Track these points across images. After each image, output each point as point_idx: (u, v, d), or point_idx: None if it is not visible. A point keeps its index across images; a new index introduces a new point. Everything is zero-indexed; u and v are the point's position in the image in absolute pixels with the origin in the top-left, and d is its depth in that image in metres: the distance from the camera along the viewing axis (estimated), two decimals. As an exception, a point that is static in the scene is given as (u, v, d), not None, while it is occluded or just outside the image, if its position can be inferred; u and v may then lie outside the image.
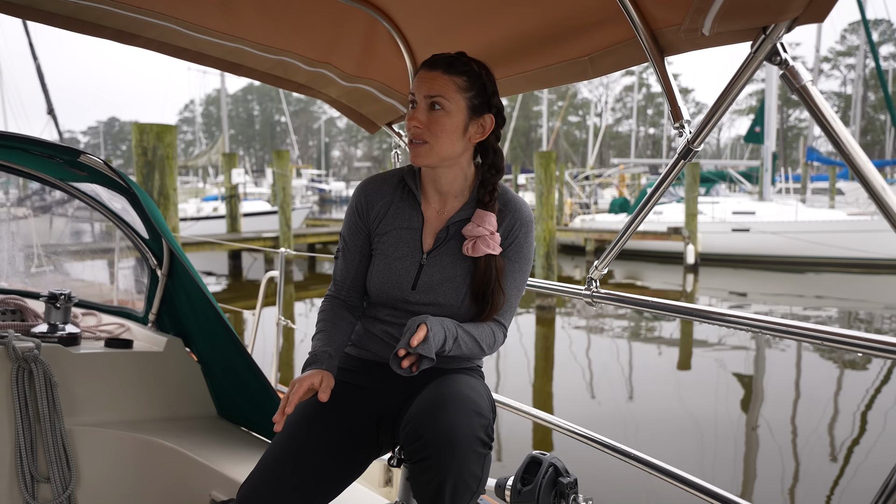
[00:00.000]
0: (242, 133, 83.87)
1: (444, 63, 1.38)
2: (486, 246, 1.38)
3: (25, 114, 43.71)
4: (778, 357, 8.20)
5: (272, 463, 1.32)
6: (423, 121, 1.36)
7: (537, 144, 65.27)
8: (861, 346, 1.08)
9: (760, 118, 20.64)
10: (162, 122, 7.86)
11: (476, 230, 1.39)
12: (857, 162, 1.01)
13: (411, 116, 1.38)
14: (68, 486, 1.91)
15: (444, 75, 1.36)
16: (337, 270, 1.52)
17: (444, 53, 1.41)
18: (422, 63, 1.41)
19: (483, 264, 1.39)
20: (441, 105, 1.36)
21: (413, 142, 1.39)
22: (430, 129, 1.36)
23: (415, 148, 1.39)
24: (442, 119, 1.36)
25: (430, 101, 1.36)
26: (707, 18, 1.14)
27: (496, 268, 1.39)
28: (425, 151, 1.38)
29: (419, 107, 1.38)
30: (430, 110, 1.37)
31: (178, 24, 1.67)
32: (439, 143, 1.37)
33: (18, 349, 1.89)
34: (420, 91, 1.37)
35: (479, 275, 1.39)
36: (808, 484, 4.64)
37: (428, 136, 1.36)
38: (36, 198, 6.74)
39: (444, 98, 1.35)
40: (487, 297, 1.40)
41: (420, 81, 1.38)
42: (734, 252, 17.03)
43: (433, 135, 1.36)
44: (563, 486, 1.50)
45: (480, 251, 1.38)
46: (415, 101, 1.39)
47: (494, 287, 1.39)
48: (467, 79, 1.37)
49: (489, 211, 1.41)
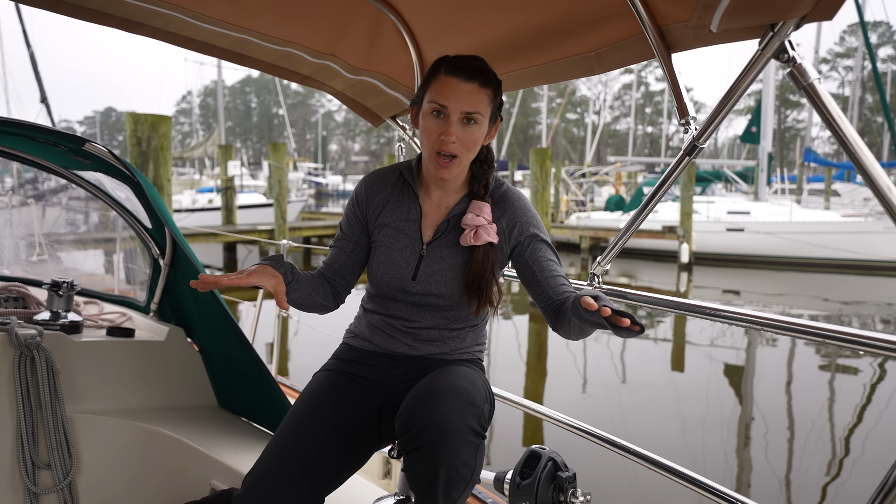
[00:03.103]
0: (240, 125, 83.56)
1: (479, 74, 1.34)
2: (487, 234, 1.41)
3: (20, 102, 43.38)
4: (771, 353, 8.25)
5: (277, 452, 1.33)
6: (458, 136, 1.34)
7: (536, 141, 65.24)
8: (859, 344, 1.09)
9: (757, 118, 20.68)
10: (158, 113, 7.83)
11: (475, 220, 1.41)
12: (863, 161, 1.01)
13: (443, 130, 1.34)
14: (69, 474, 1.91)
15: (480, 89, 1.34)
16: (329, 256, 1.54)
17: (471, 60, 1.36)
18: (449, 68, 1.35)
19: (481, 254, 1.41)
20: (476, 120, 1.34)
21: (442, 154, 1.35)
22: (464, 143, 1.35)
23: (445, 163, 1.36)
24: (475, 134, 1.35)
25: (466, 115, 1.34)
26: (715, 15, 1.15)
27: (491, 259, 1.42)
28: (455, 166, 1.37)
29: (452, 120, 1.33)
30: (465, 125, 1.34)
31: (185, 14, 1.67)
32: (468, 157, 1.38)
33: (21, 336, 1.90)
34: (457, 105, 1.33)
35: (475, 264, 1.41)
36: (802, 477, 4.67)
37: (459, 150, 1.35)
38: (29, 187, 6.72)
39: (480, 114, 1.34)
40: (482, 288, 1.42)
41: (455, 93, 1.33)
42: (728, 251, 17.09)
43: (465, 149, 1.35)
44: (561, 480, 1.51)
45: (482, 239, 1.40)
46: (443, 111, 1.34)
47: (489, 277, 1.41)
48: (493, 90, 1.37)
49: (483, 202, 1.44)
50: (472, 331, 1.53)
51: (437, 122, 1.35)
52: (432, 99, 1.35)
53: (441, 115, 1.35)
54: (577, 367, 7.55)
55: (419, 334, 1.48)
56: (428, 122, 1.36)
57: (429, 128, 1.36)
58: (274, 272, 1.30)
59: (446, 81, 1.34)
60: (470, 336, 1.52)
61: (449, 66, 1.35)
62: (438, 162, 1.36)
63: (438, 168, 1.37)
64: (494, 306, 1.45)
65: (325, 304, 1.49)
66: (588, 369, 7.45)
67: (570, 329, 1.33)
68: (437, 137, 1.34)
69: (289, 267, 1.37)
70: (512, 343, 8.57)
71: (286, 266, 1.37)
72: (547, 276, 1.42)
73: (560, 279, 1.43)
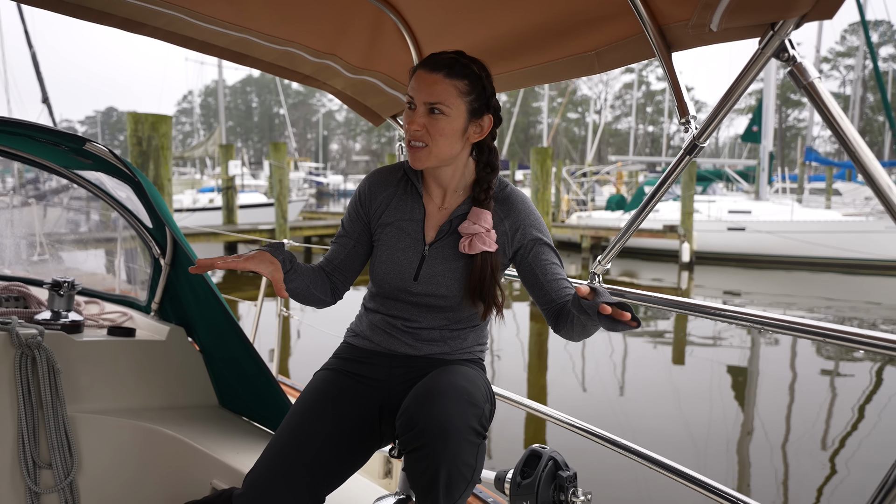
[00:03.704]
0: (241, 125, 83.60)
1: (444, 65, 1.35)
2: (482, 243, 1.40)
3: (21, 101, 43.42)
4: (773, 352, 8.24)
5: (278, 451, 1.33)
6: (421, 124, 1.35)
7: (537, 140, 65.24)
8: (860, 343, 1.08)
9: (758, 117, 20.65)
10: (159, 113, 7.83)
11: (472, 228, 1.40)
12: (863, 160, 1.01)
13: (410, 119, 1.36)
14: (70, 473, 1.92)
15: (445, 79, 1.34)
16: (329, 251, 1.54)
17: (444, 53, 1.38)
18: (420, 62, 1.38)
19: (479, 261, 1.41)
20: (441, 111, 1.35)
21: (412, 144, 1.38)
22: (430, 131, 1.35)
23: (414, 151, 1.38)
24: (441, 123, 1.35)
25: (429, 107, 1.35)
26: (715, 14, 1.15)
27: (492, 265, 1.41)
28: (424, 155, 1.37)
29: (418, 110, 1.36)
30: (431, 115, 1.35)
31: (185, 14, 1.67)
32: (438, 145, 1.37)
33: (22, 336, 1.90)
34: (419, 96, 1.35)
35: (475, 272, 1.41)
36: (803, 477, 4.67)
37: (427, 138, 1.36)
38: (30, 186, 6.72)
39: (444, 105, 1.34)
40: (484, 294, 1.41)
41: (420, 84, 1.35)
42: (729, 251, 17.07)
43: (432, 137, 1.36)
44: (562, 479, 1.51)
45: (476, 248, 1.39)
46: (413, 103, 1.37)
47: (490, 283, 1.41)
48: (468, 82, 1.36)
49: (485, 209, 1.42)
50: (473, 331, 1.53)
51: (409, 113, 1.38)
52: (407, 93, 1.39)
53: (412, 108, 1.38)
54: (578, 367, 7.55)
55: (420, 334, 1.48)
56: (405, 116, 1.40)
57: (404, 121, 1.40)
58: (272, 259, 1.31)
59: (416, 75, 1.37)
60: (471, 336, 1.52)
61: (421, 62, 1.39)
62: (410, 151, 1.39)
63: (411, 157, 1.40)
64: (501, 310, 1.45)
65: (322, 298, 1.49)
66: (589, 369, 7.45)
67: (571, 330, 1.34)
68: (408, 128, 1.37)
69: (288, 255, 1.38)
70: (513, 342, 8.57)
71: (286, 254, 1.37)
72: (550, 279, 1.42)
73: (563, 282, 1.43)
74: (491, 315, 1.46)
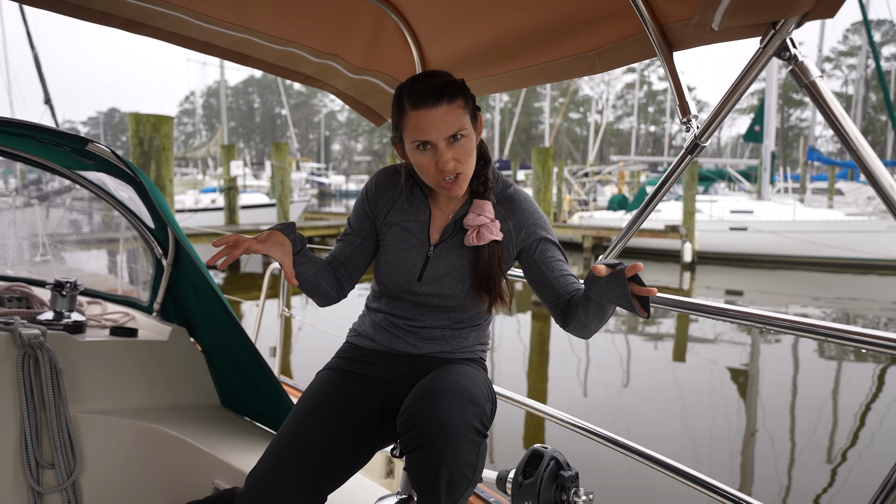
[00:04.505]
0: (242, 125, 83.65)
1: (445, 94, 1.31)
2: (490, 233, 1.40)
3: (24, 102, 43.51)
4: (774, 352, 8.23)
5: (280, 450, 1.33)
6: (450, 158, 1.32)
7: (538, 140, 65.23)
8: (863, 343, 1.08)
9: (760, 117, 20.63)
10: (161, 114, 7.85)
11: (477, 219, 1.41)
12: (865, 159, 1.01)
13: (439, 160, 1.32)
14: (72, 473, 1.92)
15: (450, 105, 1.31)
16: (335, 249, 1.54)
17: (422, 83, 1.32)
18: (413, 101, 1.31)
19: (487, 252, 1.41)
20: (462, 135, 1.33)
21: (445, 179, 1.35)
22: (460, 159, 1.34)
23: (452, 185, 1.35)
24: (466, 145, 1.34)
25: (451, 136, 1.32)
26: (717, 13, 1.15)
27: (497, 255, 1.42)
28: (462, 181, 1.36)
29: (441, 148, 1.32)
30: (453, 143, 1.33)
31: (187, 14, 1.67)
32: (468, 167, 1.36)
33: (24, 336, 1.90)
34: (436, 134, 1.31)
35: (482, 263, 1.41)
36: (804, 476, 4.67)
37: (461, 167, 1.35)
38: (33, 187, 6.74)
39: (462, 128, 1.33)
40: (491, 285, 1.42)
41: (429, 124, 1.30)
42: (731, 251, 17.06)
43: (462, 163, 1.35)
44: (564, 479, 1.51)
45: (485, 238, 1.40)
46: (428, 144, 1.32)
47: (496, 274, 1.42)
48: (463, 97, 1.35)
49: (485, 199, 1.44)
50: (475, 330, 1.53)
51: (426, 155, 1.34)
52: (413, 139, 1.33)
53: (428, 147, 1.33)
54: (580, 366, 7.55)
55: (422, 333, 1.48)
56: (418, 159, 1.35)
57: (422, 164, 1.35)
58: (284, 240, 1.32)
59: (417, 116, 1.31)
60: (473, 335, 1.52)
61: (412, 100, 1.32)
62: (445, 186, 1.36)
63: (449, 191, 1.37)
64: (507, 303, 1.45)
65: (328, 291, 1.49)
66: (591, 368, 7.45)
67: (584, 321, 1.32)
68: (435, 169, 1.34)
69: (299, 237, 1.39)
70: (514, 342, 8.57)
71: (297, 235, 1.39)
72: (557, 276, 1.42)
73: (570, 277, 1.42)
74: (496, 309, 1.46)
